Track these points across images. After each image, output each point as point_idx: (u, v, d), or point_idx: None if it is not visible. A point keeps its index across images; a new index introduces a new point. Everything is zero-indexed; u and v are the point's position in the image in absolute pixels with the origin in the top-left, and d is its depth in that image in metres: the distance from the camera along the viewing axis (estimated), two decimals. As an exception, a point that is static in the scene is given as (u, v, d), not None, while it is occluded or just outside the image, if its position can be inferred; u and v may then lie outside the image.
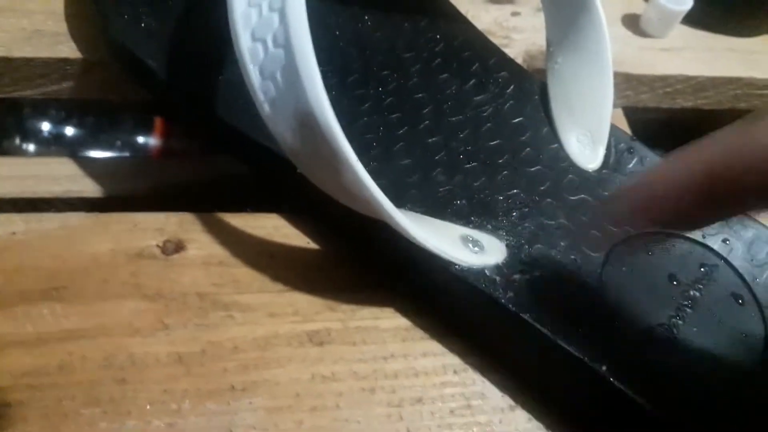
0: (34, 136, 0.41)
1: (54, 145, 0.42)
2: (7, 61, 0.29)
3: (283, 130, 0.20)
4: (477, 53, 0.29)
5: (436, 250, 0.22)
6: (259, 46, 0.19)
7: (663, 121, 0.38)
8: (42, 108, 0.41)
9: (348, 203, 0.21)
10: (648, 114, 0.37)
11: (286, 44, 0.19)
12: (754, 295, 0.24)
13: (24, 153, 0.41)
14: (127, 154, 0.42)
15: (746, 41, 0.38)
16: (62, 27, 0.30)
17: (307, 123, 0.19)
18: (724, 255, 0.25)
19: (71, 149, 0.42)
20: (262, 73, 0.20)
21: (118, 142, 0.42)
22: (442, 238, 0.23)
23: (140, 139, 0.42)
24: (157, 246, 0.24)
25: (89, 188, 0.31)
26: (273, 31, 0.19)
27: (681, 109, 0.37)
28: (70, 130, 0.42)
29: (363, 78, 0.28)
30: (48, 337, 0.22)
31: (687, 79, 0.35)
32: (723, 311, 0.24)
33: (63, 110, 0.42)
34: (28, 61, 0.29)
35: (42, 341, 0.22)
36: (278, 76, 0.19)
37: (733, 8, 0.37)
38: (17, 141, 0.41)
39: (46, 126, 0.42)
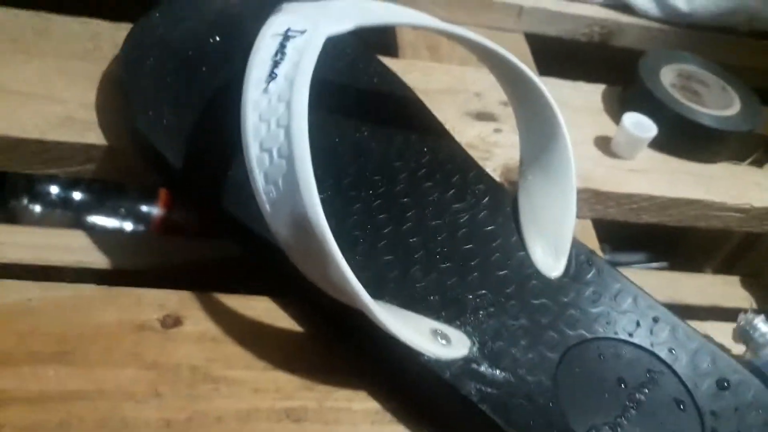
0: (42, 198, 0.43)
1: (60, 208, 0.43)
2: (40, 143, 0.32)
3: (280, 228, 0.23)
4: (458, 166, 0.32)
5: (407, 341, 0.24)
6: (266, 156, 0.23)
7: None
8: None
9: (331, 293, 0.24)
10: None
11: (288, 156, 0.22)
12: (694, 402, 0.27)
13: (30, 214, 0.43)
14: (129, 222, 0.44)
15: (706, 167, 0.42)
16: (92, 116, 0.33)
17: (301, 224, 0.22)
18: (670, 363, 0.28)
19: (76, 214, 0.43)
20: (266, 178, 0.23)
21: (123, 210, 0.44)
22: (414, 330, 0.25)
23: (144, 209, 0.44)
24: (158, 320, 0.27)
25: (99, 260, 0.34)
26: (279, 144, 0.23)
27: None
28: (77, 195, 0.43)
29: (356, 181, 0.31)
30: (50, 396, 0.24)
31: (651, 198, 0.39)
32: (665, 415, 0.26)
33: (72, 176, 0.44)
34: (58, 145, 0.32)
35: (44, 399, 0.24)
36: (280, 182, 0.23)
37: (694, 138, 0.41)
38: (25, 202, 0.43)
39: (54, 189, 0.43)
